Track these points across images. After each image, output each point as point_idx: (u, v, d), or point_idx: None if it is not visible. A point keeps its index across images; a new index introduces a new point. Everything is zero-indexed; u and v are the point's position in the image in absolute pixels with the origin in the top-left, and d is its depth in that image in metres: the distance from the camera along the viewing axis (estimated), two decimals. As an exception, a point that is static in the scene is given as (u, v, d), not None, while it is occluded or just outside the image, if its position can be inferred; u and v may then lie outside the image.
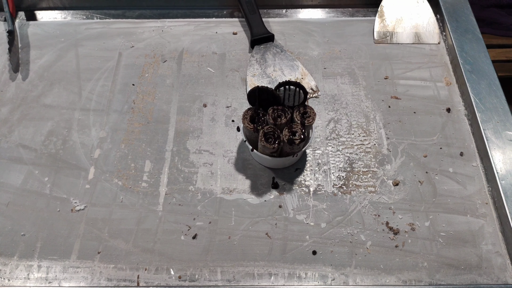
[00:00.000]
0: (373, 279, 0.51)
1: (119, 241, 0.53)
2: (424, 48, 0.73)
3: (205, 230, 0.54)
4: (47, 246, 0.53)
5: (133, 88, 0.68)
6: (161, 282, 0.50)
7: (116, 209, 0.56)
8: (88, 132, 0.63)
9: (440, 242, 0.53)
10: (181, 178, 0.58)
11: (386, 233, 0.54)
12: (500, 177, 0.56)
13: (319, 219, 0.55)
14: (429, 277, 0.51)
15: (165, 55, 0.72)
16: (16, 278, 0.51)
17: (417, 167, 0.59)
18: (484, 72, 0.67)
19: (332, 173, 0.59)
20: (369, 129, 0.63)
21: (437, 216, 0.55)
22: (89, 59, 0.71)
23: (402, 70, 0.69)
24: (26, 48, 0.73)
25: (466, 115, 0.64)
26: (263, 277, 0.51)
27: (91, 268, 0.51)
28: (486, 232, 0.54)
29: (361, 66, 0.70)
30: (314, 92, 0.67)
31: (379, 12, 0.76)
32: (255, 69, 0.69)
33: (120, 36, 0.74)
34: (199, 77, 0.69)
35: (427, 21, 0.75)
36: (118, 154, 0.60)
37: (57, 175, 0.58)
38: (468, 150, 0.61)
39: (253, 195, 0.57)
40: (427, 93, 0.67)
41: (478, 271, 0.51)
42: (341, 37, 0.74)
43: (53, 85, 0.68)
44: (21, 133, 0.63)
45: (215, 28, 0.76)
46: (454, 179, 0.58)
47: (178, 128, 0.63)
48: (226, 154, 0.61)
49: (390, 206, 0.56)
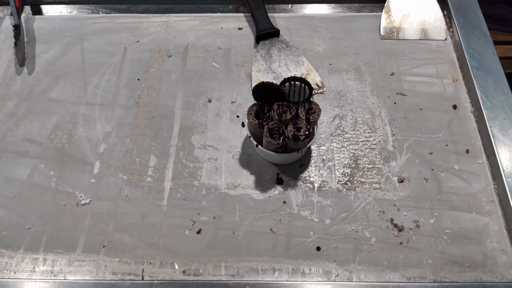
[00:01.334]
0: (377, 276, 0.51)
1: (124, 235, 0.53)
2: (431, 44, 0.72)
3: (210, 225, 0.54)
4: (53, 240, 0.53)
5: (138, 83, 0.68)
6: (165, 276, 0.51)
7: (121, 203, 0.56)
8: (93, 126, 0.63)
9: (445, 240, 0.53)
10: (185, 173, 0.58)
11: (391, 230, 0.54)
12: (506, 175, 0.56)
13: (324, 215, 0.55)
14: (433, 274, 0.50)
15: (170, 50, 0.72)
16: (22, 271, 0.51)
17: (423, 164, 0.59)
18: (491, 69, 0.66)
19: (336, 170, 0.58)
20: (374, 125, 0.63)
21: (442, 213, 0.55)
22: (94, 54, 0.71)
23: (408, 67, 0.69)
24: (32, 42, 0.73)
25: (473, 112, 0.64)
26: (267, 272, 0.51)
27: (96, 261, 0.52)
28: (492, 229, 0.53)
29: (367, 62, 0.70)
30: (320, 88, 0.67)
31: (386, 8, 0.75)
32: (260, 65, 0.69)
33: (125, 30, 0.74)
34: (204, 72, 0.69)
35: (434, 17, 0.74)
36: (123, 149, 0.61)
37: (63, 169, 0.59)
38: (474, 147, 0.60)
39: (257, 191, 0.57)
40: (433, 89, 0.66)
41: (483, 269, 0.51)
42: (347, 33, 0.74)
43: (59, 80, 0.68)
44: (27, 127, 0.63)
45: (220, 23, 0.76)
46: (459, 176, 0.58)
47: (183, 123, 0.63)
48: (230, 149, 0.61)
49: (395, 203, 0.56)
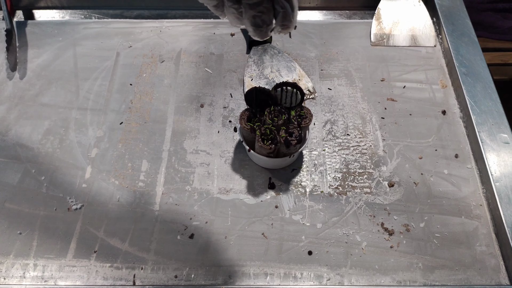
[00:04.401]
0: (368, 280, 0.51)
1: (116, 240, 0.53)
2: (420, 50, 0.73)
3: (202, 230, 0.54)
4: (43, 245, 0.53)
5: (130, 88, 0.68)
6: (157, 282, 0.50)
7: (113, 208, 0.56)
8: (85, 131, 0.63)
9: (435, 243, 0.53)
10: (178, 178, 0.58)
11: (381, 233, 0.54)
12: (494, 179, 0.56)
13: (315, 220, 0.55)
14: (423, 277, 0.51)
15: (163, 55, 0.72)
16: (12, 277, 0.51)
17: (413, 168, 0.59)
18: (479, 75, 0.67)
19: (328, 174, 0.59)
20: (365, 130, 0.63)
21: (432, 217, 0.55)
22: (87, 59, 0.71)
23: (399, 73, 0.70)
24: (24, 47, 0.73)
25: (461, 117, 0.65)
26: (259, 277, 0.51)
27: (87, 267, 0.51)
28: (480, 233, 0.54)
29: (357, 68, 0.71)
30: (311, 93, 0.67)
31: (376, 15, 0.76)
32: (253, 70, 0.69)
33: (118, 36, 0.75)
34: (196, 78, 0.69)
35: (424, 24, 0.75)
36: (115, 154, 0.61)
37: (54, 174, 0.58)
38: (463, 152, 0.61)
39: (249, 195, 0.57)
40: (423, 95, 0.67)
41: (472, 272, 0.51)
42: (338, 39, 0.75)
43: (51, 84, 0.68)
44: (18, 131, 0.63)
45: (213, 29, 0.76)
46: (449, 180, 0.58)
47: (175, 128, 0.63)
48: (223, 154, 0.61)
49: (385, 207, 0.56)
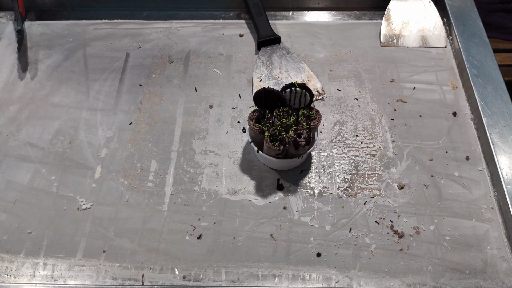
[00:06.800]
0: (377, 282, 0.50)
1: (125, 240, 0.53)
2: (431, 51, 0.73)
3: (210, 231, 0.54)
4: (53, 244, 0.53)
5: (140, 89, 0.68)
6: (165, 282, 0.51)
7: (122, 208, 0.56)
8: (95, 131, 0.63)
9: (445, 246, 0.53)
10: (186, 178, 0.59)
11: (391, 236, 0.54)
12: (506, 182, 0.56)
13: (324, 221, 0.55)
14: (433, 281, 0.50)
15: (172, 56, 0.72)
16: (22, 276, 0.51)
17: (423, 170, 0.59)
18: (490, 76, 0.66)
19: (337, 176, 0.59)
20: (374, 132, 0.63)
21: (442, 220, 0.55)
22: (97, 59, 0.72)
23: (408, 74, 0.69)
24: (35, 47, 0.73)
25: (472, 119, 0.64)
26: (267, 278, 0.51)
27: (97, 266, 0.52)
28: (492, 236, 0.53)
29: (367, 69, 0.70)
30: (320, 94, 0.67)
31: (386, 15, 0.76)
32: (261, 71, 0.69)
33: (127, 36, 0.75)
34: (205, 78, 0.69)
35: (434, 25, 0.75)
36: (125, 154, 0.61)
37: (64, 173, 0.59)
38: (474, 154, 0.60)
39: (258, 196, 0.57)
40: (433, 96, 0.67)
41: (483, 276, 0.51)
42: (348, 40, 0.74)
43: (61, 85, 0.69)
44: (29, 131, 0.63)
45: (222, 29, 0.76)
46: (459, 183, 0.58)
47: (184, 128, 0.64)
48: (231, 155, 0.61)
49: (395, 209, 0.56)
